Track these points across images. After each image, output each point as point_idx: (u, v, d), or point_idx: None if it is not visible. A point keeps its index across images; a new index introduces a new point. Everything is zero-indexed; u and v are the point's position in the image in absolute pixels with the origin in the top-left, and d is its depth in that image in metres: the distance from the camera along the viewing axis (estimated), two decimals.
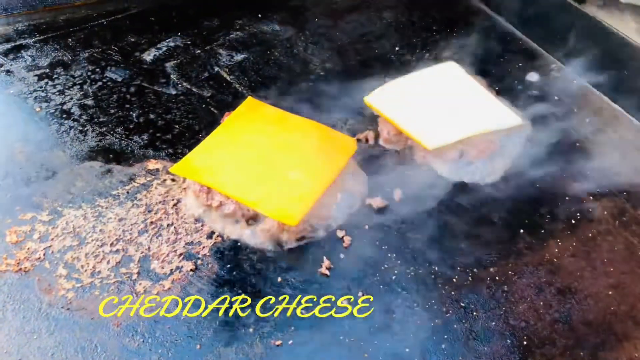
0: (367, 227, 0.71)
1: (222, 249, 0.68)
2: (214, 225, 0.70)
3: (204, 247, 0.68)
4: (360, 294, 0.64)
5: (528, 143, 0.83)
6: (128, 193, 0.74)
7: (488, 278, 0.66)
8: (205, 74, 0.94)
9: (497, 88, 0.91)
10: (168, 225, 0.70)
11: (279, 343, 0.59)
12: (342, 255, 0.68)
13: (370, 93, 0.86)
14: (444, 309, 0.63)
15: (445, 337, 0.61)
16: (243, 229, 0.69)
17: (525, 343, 0.60)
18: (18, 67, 0.94)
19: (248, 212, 0.69)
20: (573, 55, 0.96)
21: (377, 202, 0.73)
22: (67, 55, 0.96)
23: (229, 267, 0.67)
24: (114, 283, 0.64)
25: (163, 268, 0.66)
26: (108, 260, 0.66)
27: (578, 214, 0.74)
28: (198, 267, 0.66)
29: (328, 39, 1.03)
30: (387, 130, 0.82)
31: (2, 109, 0.86)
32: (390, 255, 0.68)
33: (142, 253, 0.67)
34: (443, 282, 0.66)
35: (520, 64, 0.98)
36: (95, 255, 0.67)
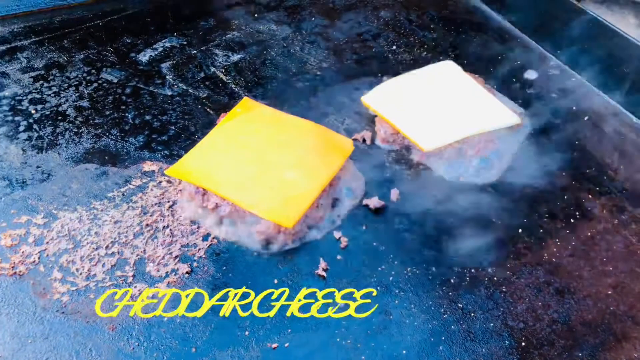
0: (364, 227, 0.71)
1: (217, 251, 0.68)
2: (210, 227, 0.70)
3: (200, 249, 0.68)
4: (357, 296, 0.64)
5: (526, 141, 0.82)
6: (123, 195, 0.74)
7: (486, 278, 0.66)
8: (201, 75, 0.94)
9: (495, 86, 0.91)
10: (164, 228, 0.70)
11: (275, 346, 0.59)
12: (339, 257, 0.68)
13: (367, 92, 0.85)
14: (442, 310, 0.63)
15: (443, 338, 0.60)
16: (239, 231, 0.69)
17: (524, 344, 0.60)
18: (13, 69, 0.93)
19: (244, 213, 0.69)
20: (572, 53, 0.95)
21: (374, 202, 0.73)
22: (62, 57, 0.96)
23: (225, 269, 0.66)
24: (109, 286, 0.64)
25: (158, 271, 0.65)
26: (103, 263, 0.66)
27: (577, 213, 0.73)
28: (194, 269, 0.66)
29: (325, 38, 1.02)
30: (384, 130, 0.81)
31: None
32: (388, 256, 0.68)
33: (137, 256, 0.67)
34: (440, 283, 0.65)
35: (519, 62, 0.97)
36: (91, 259, 0.66)
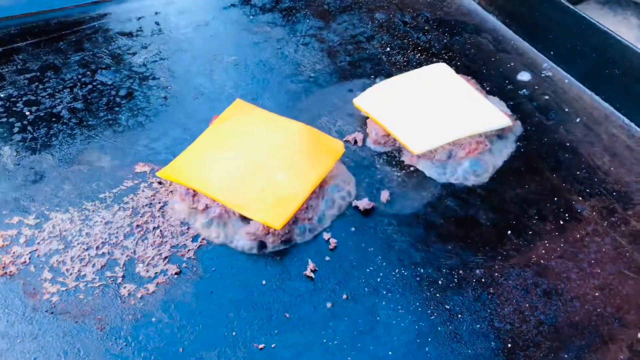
0: (353, 229, 0.71)
1: (207, 252, 0.68)
2: (200, 228, 0.70)
3: (190, 250, 0.68)
4: (345, 297, 0.64)
5: (518, 143, 0.83)
6: (115, 196, 0.74)
7: (474, 280, 0.66)
8: (195, 77, 0.94)
9: (487, 88, 0.91)
10: (154, 229, 0.70)
11: (262, 346, 0.59)
12: (327, 258, 0.68)
13: (360, 95, 0.85)
14: (429, 312, 0.63)
15: (430, 339, 0.60)
16: (228, 232, 0.69)
17: (510, 346, 0.60)
18: (9, 70, 0.94)
19: (234, 215, 0.69)
20: (565, 55, 0.95)
21: (363, 204, 0.73)
22: (58, 59, 0.97)
23: (214, 270, 0.66)
24: (99, 286, 0.64)
25: (148, 272, 0.66)
26: (93, 264, 0.66)
27: (567, 215, 0.73)
28: (183, 270, 0.66)
29: (319, 40, 1.02)
30: (375, 132, 0.82)
31: None
32: (376, 258, 0.68)
33: (127, 256, 0.67)
34: (428, 284, 0.65)
35: (512, 64, 0.97)
36: (81, 259, 0.67)
